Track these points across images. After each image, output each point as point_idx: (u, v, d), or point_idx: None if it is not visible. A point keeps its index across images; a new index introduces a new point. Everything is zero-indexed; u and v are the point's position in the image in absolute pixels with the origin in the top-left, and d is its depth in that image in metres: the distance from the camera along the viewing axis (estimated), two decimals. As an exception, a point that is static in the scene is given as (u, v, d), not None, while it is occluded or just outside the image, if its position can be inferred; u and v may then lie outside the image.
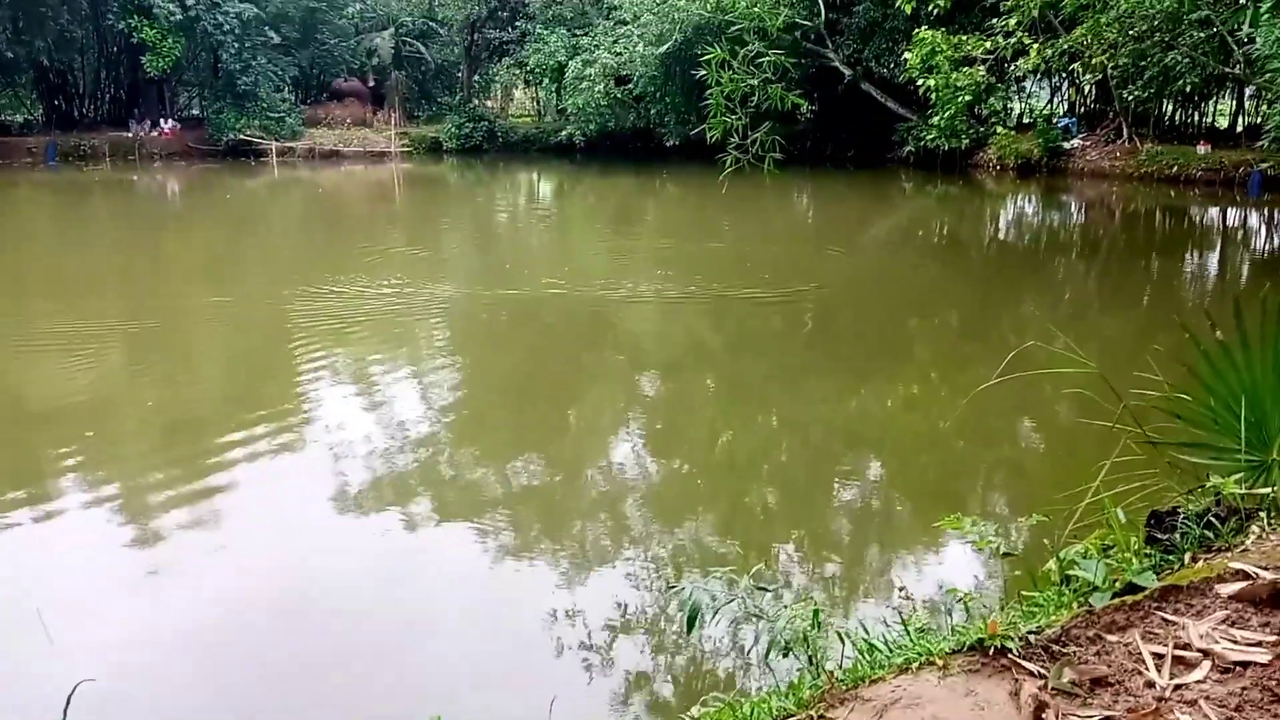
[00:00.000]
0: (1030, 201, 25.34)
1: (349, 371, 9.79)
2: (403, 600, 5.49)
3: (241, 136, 35.48)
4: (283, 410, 8.47)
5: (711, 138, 10.55)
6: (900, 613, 3.17)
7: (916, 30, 18.79)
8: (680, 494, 7.01)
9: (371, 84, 41.90)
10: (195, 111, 40.05)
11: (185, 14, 33.73)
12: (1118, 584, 3.00)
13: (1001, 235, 20.33)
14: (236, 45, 34.96)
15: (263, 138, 35.60)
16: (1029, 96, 34.55)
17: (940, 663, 2.46)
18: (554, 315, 12.02)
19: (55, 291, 13.72)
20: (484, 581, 5.72)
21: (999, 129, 28.50)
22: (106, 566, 5.93)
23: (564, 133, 36.01)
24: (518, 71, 40.18)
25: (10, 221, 23.14)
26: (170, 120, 37.61)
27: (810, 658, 2.84)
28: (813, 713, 2.42)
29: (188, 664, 4.85)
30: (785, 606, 2.97)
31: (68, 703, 2.46)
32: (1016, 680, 2.36)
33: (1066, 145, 27.92)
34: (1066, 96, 33.36)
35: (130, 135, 36.09)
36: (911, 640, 2.67)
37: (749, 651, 4.35)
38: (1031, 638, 2.51)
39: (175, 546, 6.13)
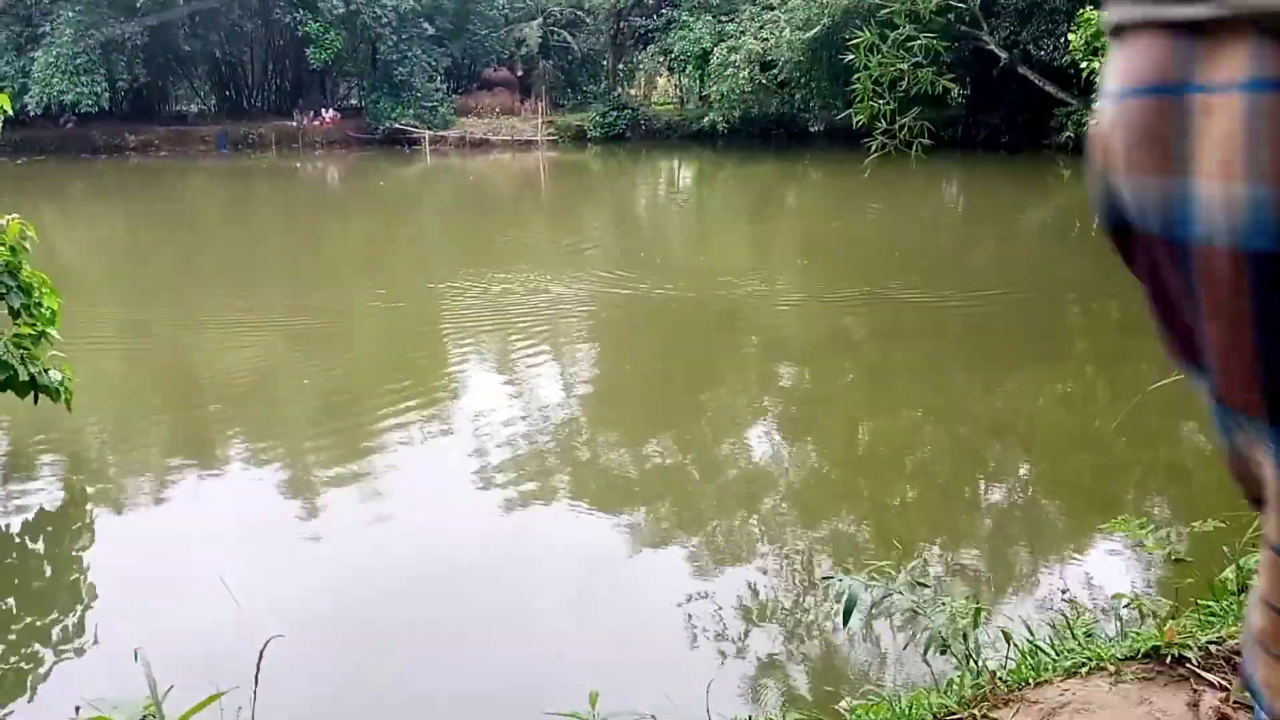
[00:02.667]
0: (1200, 189, 23.90)
1: (491, 361, 10.06)
2: (546, 579, 5.64)
3: (397, 125, 36.77)
4: (430, 395, 8.78)
5: (858, 123, 10.36)
6: (1064, 615, 3.08)
7: (1081, 10, 17.93)
8: (826, 487, 6.96)
9: (520, 73, 42.75)
10: (354, 101, 41.70)
11: (347, 8, 35.17)
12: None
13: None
14: (394, 37, 36.25)
15: (417, 126, 36.81)
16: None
17: (1112, 668, 2.39)
18: (689, 309, 12.04)
19: (224, 277, 14.60)
20: (629, 566, 5.81)
21: (1168, 113, 26.96)
22: (273, 532, 6.30)
23: (706, 120, 35.92)
24: (662, 59, 40.24)
25: (187, 207, 24.70)
26: (331, 109, 39.31)
27: (969, 656, 2.79)
28: (975, 712, 2.39)
29: (355, 623, 5.13)
30: (945, 603, 2.92)
31: (260, 657, 2.65)
32: (1195, 691, 2.27)
33: (1242, 130, 26.18)
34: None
35: (294, 124, 37.90)
36: (1080, 644, 2.59)
37: (904, 647, 4.30)
38: (1212, 648, 2.41)
39: (334, 515, 6.47)
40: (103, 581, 5.73)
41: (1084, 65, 18.45)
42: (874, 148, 9.70)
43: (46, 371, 6.84)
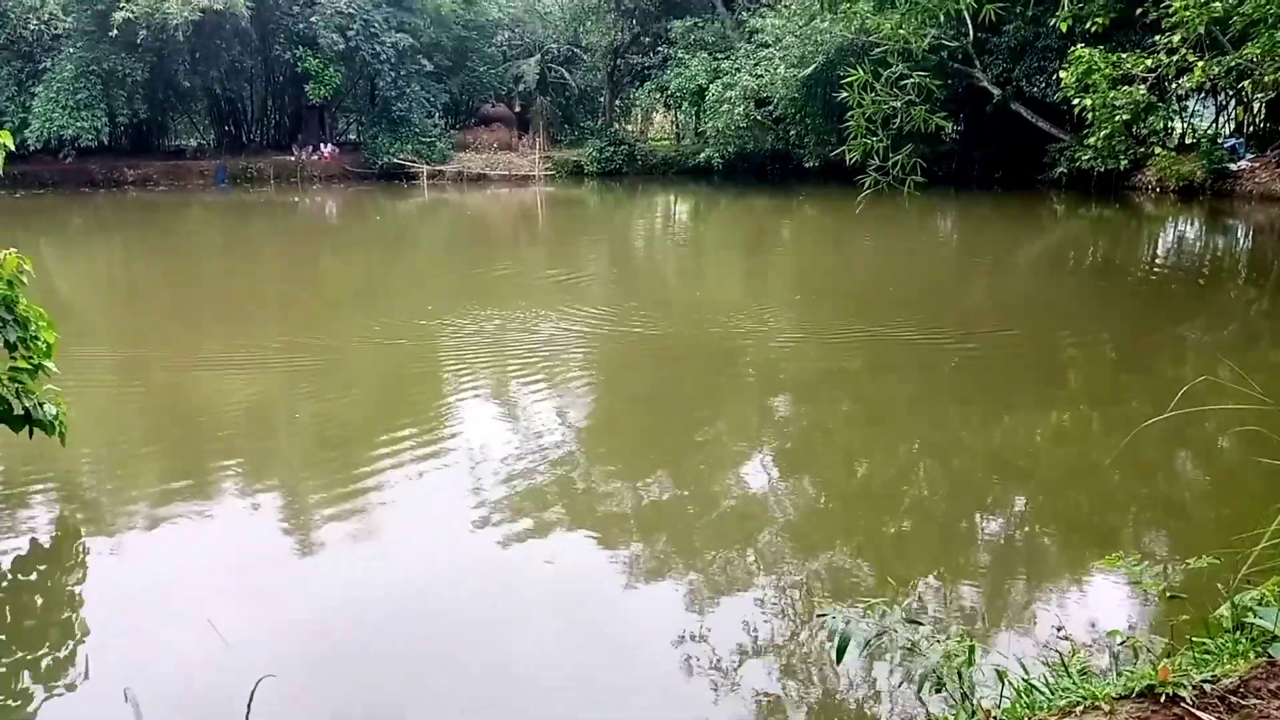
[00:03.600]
0: (1193, 225, 24.06)
1: (486, 398, 10.05)
2: (540, 615, 5.61)
3: (395, 160, 37.02)
4: (424, 432, 8.74)
5: (851, 160, 10.44)
6: (1059, 653, 3.06)
7: (1072, 48, 18.15)
8: (821, 522, 6.95)
9: (517, 109, 43.12)
10: (352, 136, 42.03)
11: (346, 44, 35.55)
12: (1300, 635, 2.83)
13: (1161, 261, 19.37)
14: (392, 74, 36.60)
15: (415, 161, 37.06)
16: (1192, 116, 32.85)
17: (1107, 708, 2.38)
18: (684, 346, 12.06)
19: (221, 312, 14.62)
20: (621, 598, 5.79)
21: (1159, 150, 27.16)
22: (265, 568, 6.27)
23: (702, 155, 36.23)
24: (658, 95, 40.62)
25: (183, 242, 24.78)
26: (329, 145, 39.57)
27: (964, 695, 2.78)
28: (969, 751, 2.37)
29: (346, 660, 5.09)
30: (939, 640, 2.92)
31: (251, 697, 2.64)
32: (1190, 731, 2.26)
33: (1233, 166, 26.38)
34: (1233, 116, 31.58)
35: (293, 159, 38.14)
36: (1074, 682, 2.58)
37: (898, 685, 4.27)
38: (1207, 687, 2.41)
39: (327, 552, 6.43)
40: (94, 617, 5.68)
41: (1075, 102, 18.67)
42: (867, 184, 9.76)
43: (41, 405, 6.83)
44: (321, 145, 39.24)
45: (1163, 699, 2.37)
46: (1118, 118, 19.96)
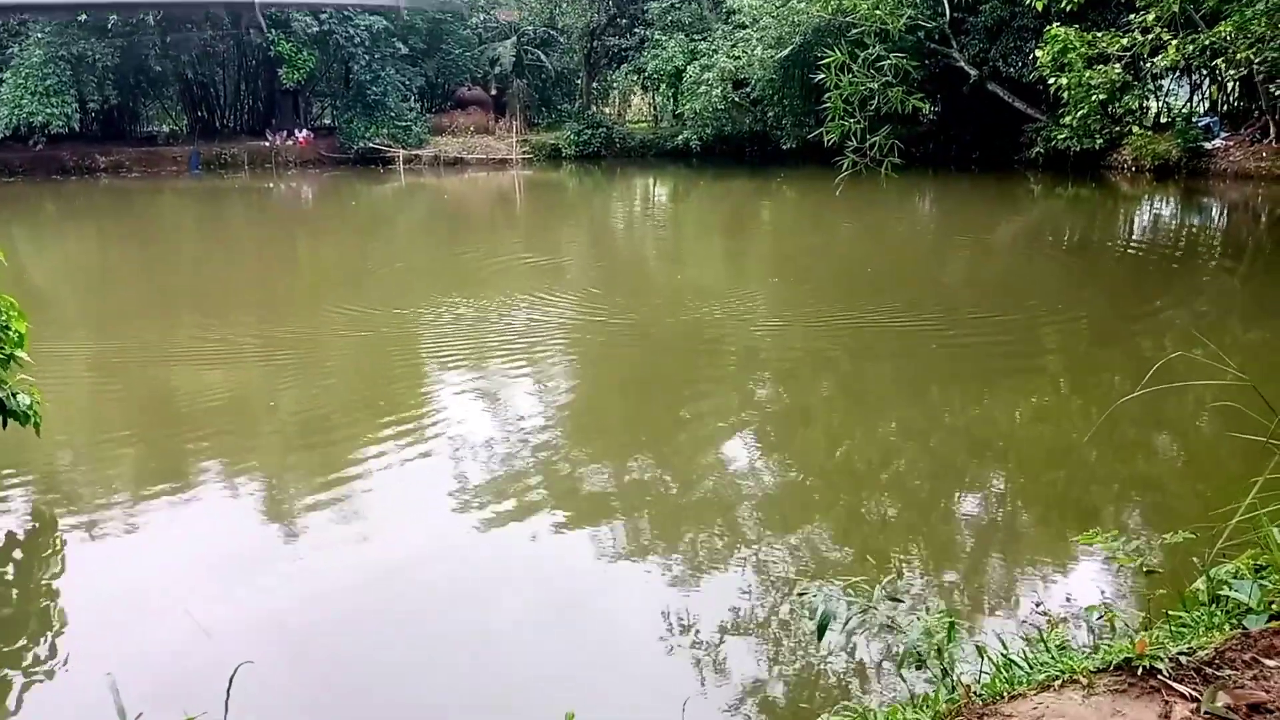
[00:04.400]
0: (1169, 204, 24.23)
1: (465, 385, 10.01)
2: (522, 598, 5.62)
3: (371, 145, 36.72)
4: (402, 419, 8.70)
5: (829, 141, 10.44)
6: (1038, 629, 3.09)
7: (1048, 27, 18.21)
8: (802, 504, 6.98)
9: (494, 92, 42.83)
10: (327, 121, 41.65)
11: (320, 27, 35.18)
12: (1274, 607, 2.87)
13: (1138, 239, 19.50)
14: (367, 57, 36.26)
15: (390, 146, 36.77)
16: (1167, 94, 33.04)
17: (1085, 681, 2.40)
18: (663, 330, 12.05)
19: (195, 301, 14.50)
20: (606, 583, 5.80)
21: (1134, 129, 27.31)
22: (244, 557, 6.25)
23: (680, 137, 36.13)
24: (636, 77, 40.46)
25: (156, 229, 24.53)
26: (304, 129, 39.19)
27: (945, 671, 2.80)
28: (950, 726, 2.39)
29: (327, 647, 5.08)
30: (919, 618, 2.93)
31: (230, 684, 2.62)
32: (1167, 703, 2.28)
33: (1208, 145, 26.58)
34: (1208, 94, 31.78)
35: (267, 144, 37.76)
36: (1053, 656, 2.61)
37: (879, 661, 4.30)
38: (1183, 659, 2.43)
39: (305, 540, 6.42)
40: (73, 608, 5.64)
41: (1051, 82, 18.74)
42: (845, 166, 9.77)
43: (15, 396, 6.75)
44: (296, 130, 38.85)
45: (1139, 671, 2.39)
46: (1093, 97, 20.07)
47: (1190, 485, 6.83)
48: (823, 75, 10.48)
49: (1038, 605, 4.78)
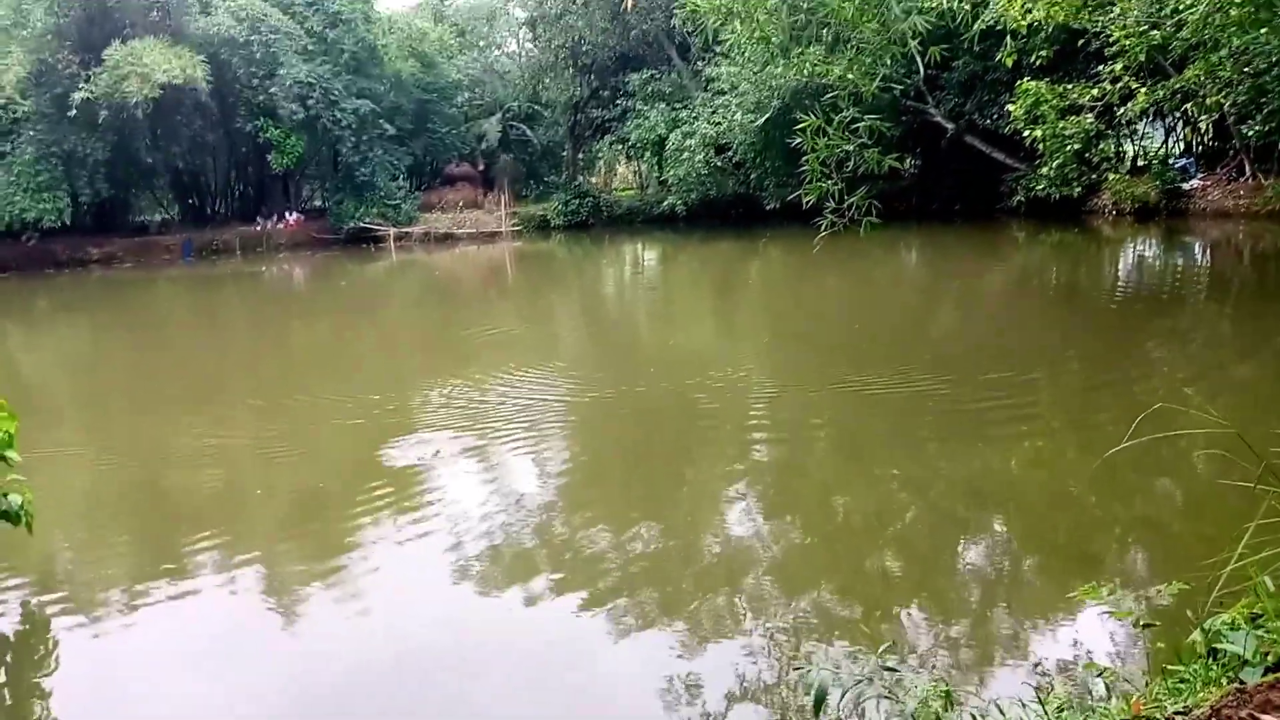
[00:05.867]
0: (1150, 245, 24.48)
1: (461, 464, 9.94)
2: (520, 671, 5.55)
3: (361, 224, 37.11)
4: (397, 500, 8.64)
5: (807, 203, 10.57)
6: (1036, 691, 3.05)
7: (1019, 82, 18.58)
8: (802, 560, 6.93)
9: (481, 167, 43.44)
10: (318, 203, 42.16)
11: (306, 113, 35.75)
12: (1269, 658, 2.85)
13: (1122, 282, 19.66)
14: (354, 139, 36.82)
15: (381, 224, 37.17)
16: (1142, 138, 33.60)
17: (1081, 746, 2.37)
18: (657, 399, 12.07)
19: (189, 391, 14.52)
20: (607, 651, 5.73)
21: (1111, 174, 27.72)
22: (240, 649, 6.18)
23: (666, 203, 36.57)
24: (620, 147, 41.12)
25: (149, 319, 24.63)
26: (295, 212, 39.64)
27: (943, 740, 2.77)
28: (948, 799, 2.36)
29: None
30: (914, 687, 2.91)
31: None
32: (1165, 765, 2.26)
33: (1185, 186, 26.98)
34: (1182, 136, 32.33)
35: (258, 229, 38.15)
36: (1049, 722, 2.58)
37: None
38: (1178, 718, 2.41)
39: (303, 627, 6.36)
40: (64, 709, 5.56)
41: (1026, 133, 19.07)
42: (824, 226, 9.88)
43: (5, 496, 6.72)
44: (286, 214, 39.29)
45: (1136, 735, 2.37)
46: (1069, 147, 20.42)
47: (1185, 534, 6.80)
48: (800, 139, 10.62)
49: (1036, 666, 4.72)
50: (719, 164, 34.57)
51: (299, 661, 5.98)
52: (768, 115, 30.22)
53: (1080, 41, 20.23)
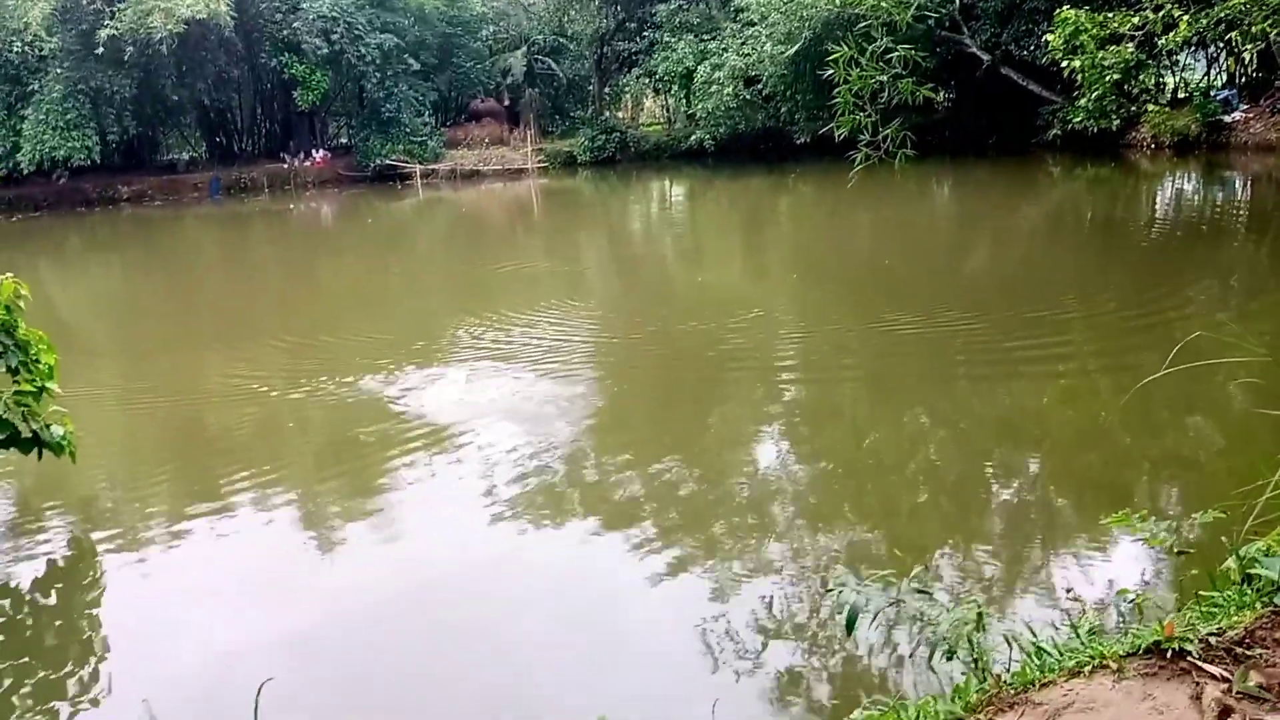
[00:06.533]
0: (1189, 179, 23.97)
1: (492, 400, 9.99)
2: (558, 601, 5.65)
3: (387, 161, 37.01)
4: (430, 436, 8.71)
5: (839, 136, 10.39)
6: (1068, 614, 3.08)
7: (1058, 10, 18.09)
8: (829, 498, 6.97)
9: (507, 103, 43.05)
10: (344, 140, 42.02)
11: (330, 48, 35.50)
12: (1306, 583, 2.85)
13: (1159, 217, 19.31)
14: (379, 75, 36.56)
15: (407, 161, 37.04)
16: (1183, 70, 32.69)
17: (1115, 666, 2.39)
18: (687, 337, 12.04)
19: (222, 325, 14.67)
20: (639, 584, 5.81)
21: (1151, 106, 27.04)
22: (275, 577, 6.33)
23: (694, 138, 36.13)
24: (647, 80, 40.53)
25: (180, 256, 24.81)
26: (321, 150, 39.57)
27: (975, 661, 2.80)
28: (980, 717, 2.40)
29: (349, 664, 5.14)
30: (947, 609, 2.93)
31: (257, 701, 2.66)
32: (1198, 684, 2.27)
33: (1227, 119, 26.28)
34: (1225, 67, 31.41)
35: (285, 166, 38.15)
36: (1082, 643, 2.60)
37: (912, 655, 4.29)
38: (1212, 640, 2.42)
39: (337, 558, 6.49)
40: (112, 633, 5.74)
41: (1064, 64, 18.61)
42: (858, 160, 9.73)
43: (48, 427, 6.87)
44: (313, 151, 39.23)
45: (1169, 654, 2.38)
46: (1107, 77, 19.92)
47: (1220, 464, 6.76)
48: (832, 70, 10.41)
49: (1069, 591, 4.75)
50: (748, 97, 34.03)
51: (331, 593, 6.12)
52: (799, 46, 29.65)
53: (1122, -33, 19.66)
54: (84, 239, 29.37)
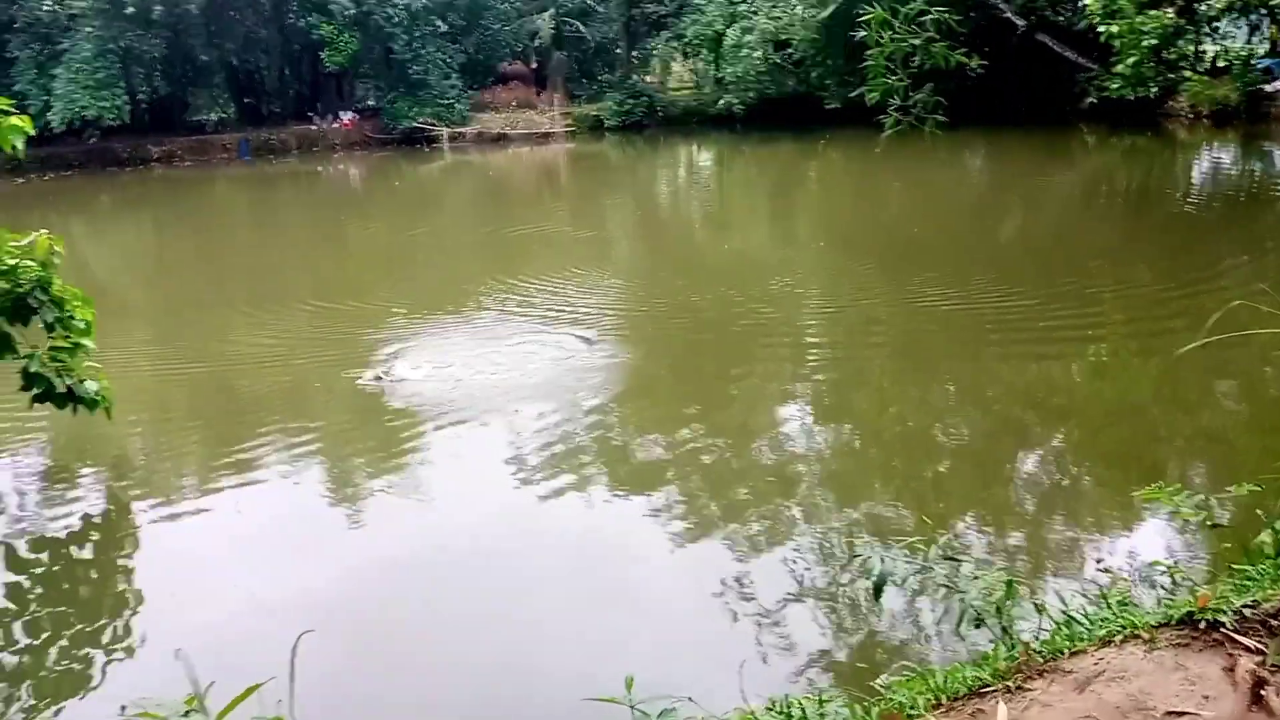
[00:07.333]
0: (1229, 151, 23.53)
1: (521, 365, 9.98)
2: (583, 566, 5.69)
3: (415, 124, 36.91)
4: (460, 400, 8.76)
5: (870, 101, 10.22)
6: (1099, 585, 3.06)
7: (1097, -27, 17.70)
8: (857, 466, 6.96)
9: (534, 66, 42.76)
10: (371, 102, 41.88)
11: (358, 9, 35.33)
12: (1342, 557, 2.82)
13: (1196, 187, 18.99)
14: (406, 36, 36.39)
15: (434, 124, 36.93)
16: (1223, 37, 31.95)
17: (1146, 636, 2.38)
18: (715, 303, 11.99)
19: (252, 285, 14.76)
20: (663, 551, 5.84)
21: (1189, 75, 26.47)
22: (306, 532, 6.42)
23: (722, 103, 35.73)
24: (676, 44, 40.08)
25: (210, 217, 24.95)
26: (349, 112, 39.48)
27: (1004, 629, 2.79)
28: (1010, 684, 2.39)
29: (387, 615, 5.21)
30: (976, 577, 2.93)
31: (294, 652, 2.69)
32: (1231, 656, 2.26)
33: (1268, 88, 25.70)
34: (1267, 34, 30.68)
35: (314, 128, 38.13)
36: (1114, 613, 2.59)
37: (938, 621, 4.30)
38: (1247, 612, 2.40)
39: (366, 515, 6.57)
40: (145, 585, 5.85)
41: (1101, 29, 18.21)
42: (888, 125, 9.58)
43: (83, 383, 6.95)
44: (341, 113, 39.17)
45: (1203, 625, 2.37)
46: (1145, 44, 19.50)
47: (1255, 437, 6.69)
48: (864, 34, 10.23)
49: (1099, 562, 4.73)
50: (778, 61, 33.63)
51: (351, 548, 6.21)
52: (830, 9, 29.24)
53: (1164, -70, 19.18)
54: (115, 198, 29.57)
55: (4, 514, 6.77)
